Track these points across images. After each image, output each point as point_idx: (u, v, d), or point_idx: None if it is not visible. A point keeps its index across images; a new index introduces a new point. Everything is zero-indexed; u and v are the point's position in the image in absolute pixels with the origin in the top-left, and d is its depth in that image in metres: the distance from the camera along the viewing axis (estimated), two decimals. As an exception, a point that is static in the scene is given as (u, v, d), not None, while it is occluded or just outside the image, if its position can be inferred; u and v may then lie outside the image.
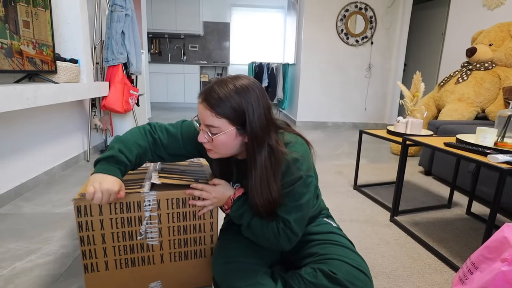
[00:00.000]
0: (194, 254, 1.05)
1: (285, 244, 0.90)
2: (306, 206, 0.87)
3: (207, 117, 0.80)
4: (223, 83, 0.80)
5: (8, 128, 1.78)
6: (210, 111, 0.79)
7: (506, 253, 0.88)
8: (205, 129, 0.83)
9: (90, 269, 0.96)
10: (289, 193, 0.85)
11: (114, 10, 2.51)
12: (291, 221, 0.86)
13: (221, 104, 0.78)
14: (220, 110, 0.78)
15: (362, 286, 0.84)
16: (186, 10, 6.22)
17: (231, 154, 0.89)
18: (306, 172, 0.84)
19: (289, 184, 0.84)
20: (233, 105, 0.78)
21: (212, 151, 0.87)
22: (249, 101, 0.79)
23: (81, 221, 0.91)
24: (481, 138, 1.33)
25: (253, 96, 0.80)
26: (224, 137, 0.82)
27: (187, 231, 1.02)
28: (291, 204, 0.86)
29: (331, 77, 4.71)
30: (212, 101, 0.78)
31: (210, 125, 0.81)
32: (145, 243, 0.99)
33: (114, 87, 2.61)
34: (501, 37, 2.69)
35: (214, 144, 0.84)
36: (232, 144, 0.84)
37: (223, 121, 0.80)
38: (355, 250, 0.97)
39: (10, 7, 1.58)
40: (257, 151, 0.82)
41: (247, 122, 0.80)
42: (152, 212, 0.96)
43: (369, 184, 2.27)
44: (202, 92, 0.82)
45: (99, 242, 0.94)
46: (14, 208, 1.70)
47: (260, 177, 0.83)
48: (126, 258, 0.99)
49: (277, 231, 0.88)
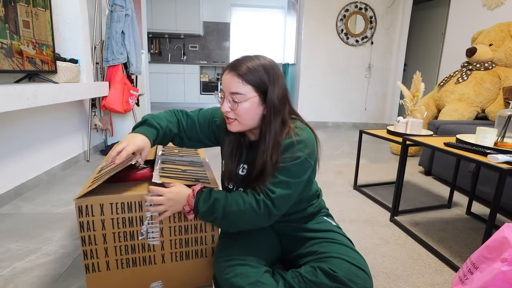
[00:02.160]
0: (195, 254, 1.05)
1: (264, 219, 0.89)
2: (295, 187, 0.89)
3: (234, 84, 0.87)
4: (250, 57, 0.90)
5: (8, 128, 1.78)
6: (238, 78, 0.87)
7: (506, 253, 0.88)
8: (229, 98, 0.89)
9: (92, 269, 0.96)
10: (283, 169, 0.88)
11: (114, 10, 2.51)
12: (276, 193, 0.87)
13: (249, 73, 0.87)
14: (247, 78, 0.87)
15: (362, 283, 0.84)
16: (186, 10, 6.22)
17: (250, 126, 0.93)
18: (306, 155, 0.88)
19: (286, 160, 0.88)
20: (259, 75, 0.87)
21: (234, 121, 0.92)
22: (272, 75, 0.89)
23: (82, 221, 0.91)
24: (481, 138, 1.33)
25: (276, 72, 0.90)
26: (248, 104, 0.88)
27: (188, 231, 1.02)
28: (282, 178, 0.88)
29: (331, 77, 4.71)
30: (241, 70, 0.87)
31: (235, 92, 0.87)
32: (146, 243, 0.99)
33: (114, 87, 2.61)
34: (501, 37, 2.69)
35: (237, 112, 0.89)
36: (253, 113, 0.90)
37: (249, 88, 0.87)
38: (355, 248, 0.97)
39: (10, 7, 1.58)
40: (273, 120, 0.90)
41: (268, 92, 0.88)
42: (154, 212, 0.96)
43: (369, 184, 2.27)
44: (230, 64, 0.90)
45: (101, 242, 0.95)
46: (14, 208, 1.70)
47: (273, 140, 0.89)
48: (127, 258, 0.99)
49: (256, 204, 0.87)
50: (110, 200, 0.92)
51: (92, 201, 0.91)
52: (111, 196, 0.92)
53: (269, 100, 0.89)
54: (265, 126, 0.90)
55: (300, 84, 4.68)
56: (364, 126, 4.83)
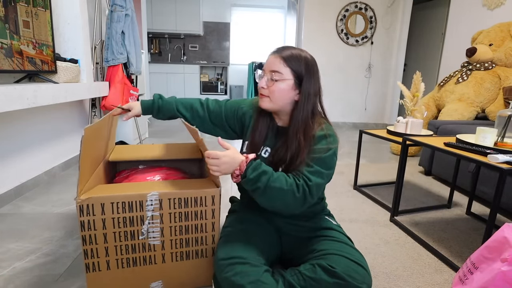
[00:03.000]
0: (196, 254, 1.05)
1: (299, 203, 0.91)
2: (327, 177, 0.95)
3: (276, 63, 0.95)
4: (296, 48, 0.99)
5: (8, 128, 1.78)
6: (281, 59, 0.95)
7: (506, 253, 0.88)
8: (268, 75, 0.97)
9: (92, 269, 0.96)
10: (318, 159, 0.93)
11: (114, 10, 2.51)
12: (312, 181, 0.90)
13: (291, 58, 0.95)
14: (289, 61, 0.95)
15: (361, 279, 0.85)
16: (186, 10, 6.22)
17: (280, 106, 0.99)
18: (335, 149, 0.95)
19: (321, 151, 0.93)
20: (300, 63, 0.95)
21: (266, 98, 0.98)
22: (311, 67, 0.97)
23: (83, 220, 0.91)
24: (481, 138, 1.33)
25: (314, 68, 0.99)
26: (283, 85, 0.95)
27: (189, 231, 1.02)
28: (317, 168, 0.92)
29: (331, 77, 4.71)
30: (285, 53, 0.96)
31: (275, 71, 0.95)
32: (147, 242, 0.99)
33: (114, 87, 2.61)
34: (501, 37, 2.69)
35: (272, 89, 0.96)
36: (286, 95, 0.96)
37: (288, 70, 0.95)
38: (354, 246, 0.98)
39: (10, 7, 1.58)
40: (305, 107, 0.97)
41: (304, 81, 0.96)
42: (154, 212, 0.96)
43: (369, 184, 2.27)
44: (277, 48, 0.99)
45: (101, 241, 0.95)
46: (14, 208, 1.70)
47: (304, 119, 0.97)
48: (128, 258, 0.99)
49: (296, 188, 0.89)
50: (111, 200, 0.92)
51: (93, 200, 0.91)
52: (112, 195, 0.93)
53: (304, 88, 0.96)
54: (297, 110, 0.97)
55: (300, 84, 4.67)
56: (364, 126, 4.82)
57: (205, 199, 1.00)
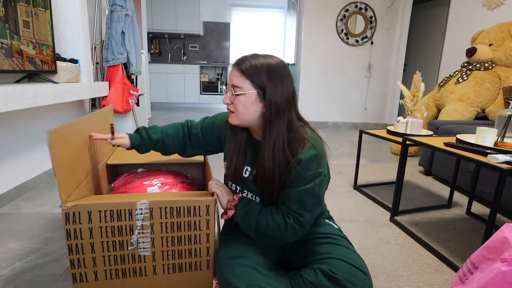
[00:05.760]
0: (189, 267, 0.99)
1: (290, 238, 0.92)
2: (319, 205, 0.94)
3: (235, 77, 0.90)
4: (257, 55, 0.92)
5: (8, 128, 1.78)
6: (239, 72, 0.89)
7: (506, 253, 0.88)
8: (230, 90, 0.92)
9: (79, 279, 0.92)
10: (308, 191, 0.88)
11: (114, 10, 2.51)
12: (305, 217, 0.89)
13: (249, 69, 0.88)
14: (247, 73, 0.88)
15: (361, 285, 0.84)
16: (186, 10, 6.21)
17: (248, 121, 0.92)
18: (324, 170, 0.90)
19: (309, 179, 0.87)
20: (260, 72, 0.87)
21: (233, 114, 0.93)
22: (275, 74, 0.88)
23: (69, 228, 0.87)
24: (481, 138, 1.33)
25: (280, 72, 0.89)
26: (245, 98, 0.89)
27: (182, 242, 0.96)
28: (309, 202, 0.89)
29: (331, 77, 4.71)
30: (243, 65, 0.89)
31: (235, 85, 0.89)
32: (137, 253, 0.94)
33: (114, 87, 2.61)
34: (501, 37, 2.69)
35: (235, 104, 0.90)
36: (250, 108, 0.89)
37: (247, 82, 0.88)
38: (355, 250, 0.97)
39: (10, 7, 1.58)
40: (275, 118, 0.88)
41: (267, 90, 0.87)
42: (144, 221, 0.91)
43: (369, 184, 2.27)
44: (236, 59, 0.93)
45: (88, 251, 0.90)
46: (14, 208, 1.70)
47: (274, 141, 0.88)
48: (117, 269, 0.94)
49: (283, 225, 0.89)
50: (98, 208, 0.88)
51: (80, 208, 0.87)
52: (100, 203, 0.88)
53: (269, 98, 0.87)
54: (265, 123, 0.89)
55: (300, 84, 4.68)
56: (364, 126, 4.82)
57: (199, 209, 0.94)
